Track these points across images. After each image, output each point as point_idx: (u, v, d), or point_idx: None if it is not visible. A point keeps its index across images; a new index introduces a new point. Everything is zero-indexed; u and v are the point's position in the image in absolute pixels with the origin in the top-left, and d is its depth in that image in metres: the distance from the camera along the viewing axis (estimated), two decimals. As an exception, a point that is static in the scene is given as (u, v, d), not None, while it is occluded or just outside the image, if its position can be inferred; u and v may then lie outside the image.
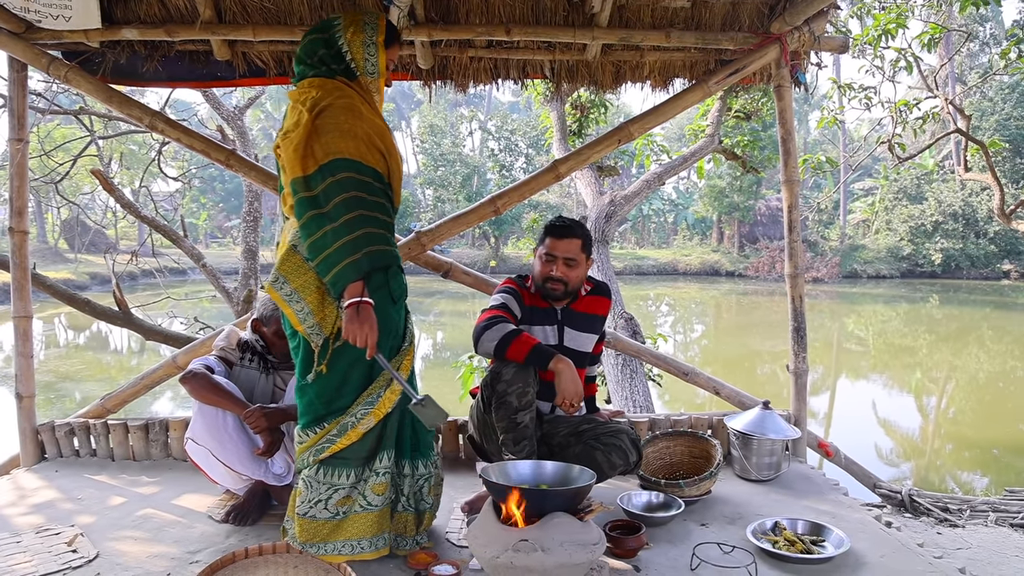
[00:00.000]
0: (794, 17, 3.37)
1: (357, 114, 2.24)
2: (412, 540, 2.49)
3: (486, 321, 2.71)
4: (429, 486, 2.54)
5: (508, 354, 2.62)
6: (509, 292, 2.89)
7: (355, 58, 2.36)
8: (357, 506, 2.37)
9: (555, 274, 2.82)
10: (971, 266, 29.36)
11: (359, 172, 2.20)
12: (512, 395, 2.60)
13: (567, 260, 2.82)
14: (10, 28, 3.21)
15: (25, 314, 3.50)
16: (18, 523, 2.79)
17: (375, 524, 2.38)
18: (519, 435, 2.62)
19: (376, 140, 2.27)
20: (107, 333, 18.80)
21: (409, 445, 2.49)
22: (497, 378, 2.64)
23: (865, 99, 7.14)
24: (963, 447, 9.26)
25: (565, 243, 2.82)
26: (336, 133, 2.18)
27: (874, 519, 2.85)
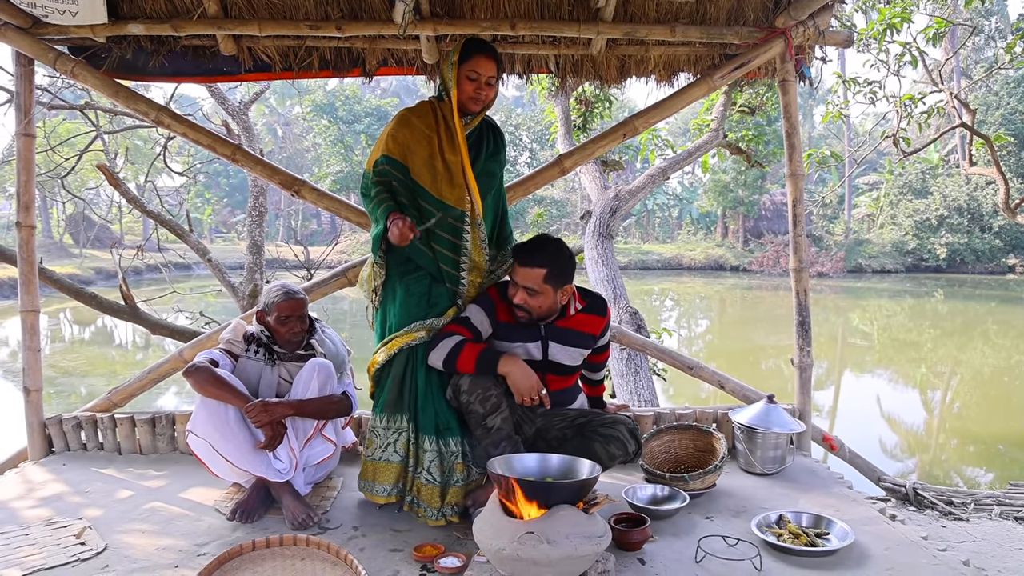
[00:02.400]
0: (799, 11, 3.36)
1: (403, 123, 2.84)
2: (438, 511, 2.67)
3: (437, 338, 2.72)
4: (455, 463, 2.70)
5: (458, 367, 2.66)
6: (481, 304, 2.80)
7: (443, 80, 2.84)
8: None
9: (516, 301, 2.69)
10: (976, 260, 29.30)
11: (388, 164, 2.80)
12: (475, 403, 2.62)
13: (527, 289, 2.66)
14: (17, 23, 3.22)
15: (32, 308, 3.51)
16: (27, 516, 2.80)
17: (371, 470, 2.80)
18: (495, 439, 2.63)
19: (410, 143, 2.81)
20: (112, 328, 18.85)
21: (434, 423, 2.72)
22: (457, 390, 2.66)
23: (870, 93, 7.12)
24: (968, 442, 9.25)
25: (525, 272, 2.65)
26: (383, 140, 2.86)
27: (878, 512, 2.85)
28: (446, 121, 2.83)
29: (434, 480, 2.69)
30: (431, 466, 2.70)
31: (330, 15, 3.30)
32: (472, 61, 2.75)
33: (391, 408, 2.77)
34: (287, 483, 2.78)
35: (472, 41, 2.81)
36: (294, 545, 2.40)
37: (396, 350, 2.75)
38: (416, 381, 2.75)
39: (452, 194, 2.80)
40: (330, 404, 2.87)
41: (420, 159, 2.78)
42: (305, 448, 2.86)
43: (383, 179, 2.80)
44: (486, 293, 2.85)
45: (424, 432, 2.72)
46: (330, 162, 34.34)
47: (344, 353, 3.09)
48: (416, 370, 2.76)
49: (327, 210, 3.60)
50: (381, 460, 2.77)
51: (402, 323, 2.78)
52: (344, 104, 35.91)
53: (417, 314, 2.78)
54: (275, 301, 2.91)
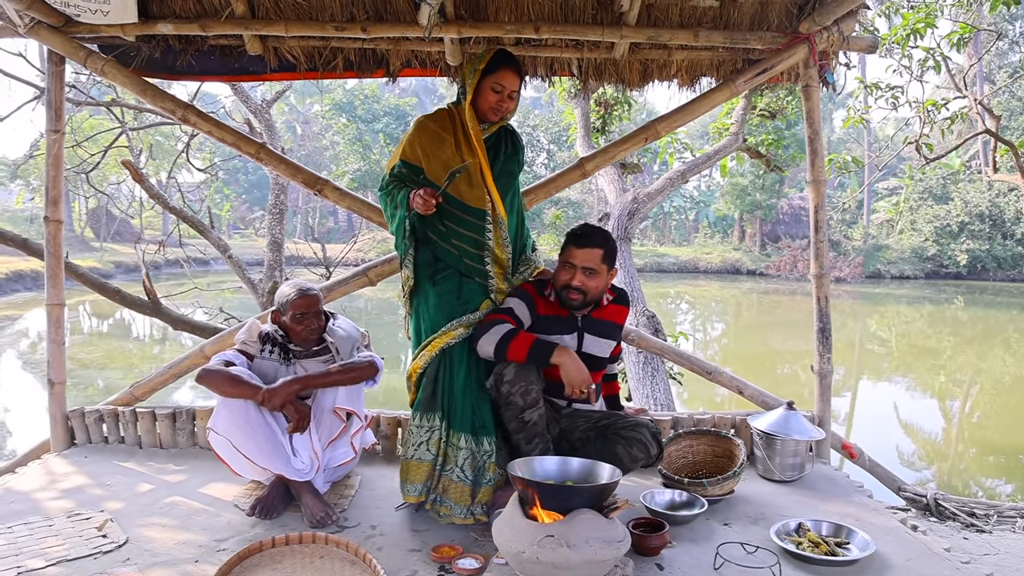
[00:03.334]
0: (823, 17, 3.34)
1: (421, 129, 2.92)
2: (467, 510, 2.68)
3: (485, 325, 2.73)
4: (489, 463, 2.70)
5: (508, 355, 2.65)
6: (521, 298, 2.84)
7: (466, 85, 2.88)
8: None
9: (574, 283, 2.77)
10: (997, 268, 28.95)
11: (405, 168, 2.90)
12: (516, 395, 2.62)
13: (586, 269, 2.76)
14: (50, 22, 3.27)
15: (58, 301, 3.55)
16: (49, 507, 2.83)
17: (405, 471, 2.79)
18: (529, 434, 2.65)
19: (426, 148, 2.88)
20: (130, 321, 19.02)
21: (470, 421, 2.73)
22: (500, 380, 2.66)
23: (892, 99, 7.06)
24: (987, 452, 9.15)
25: (585, 252, 2.76)
26: (402, 145, 2.95)
27: (900, 522, 2.83)
28: (463, 125, 2.88)
29: (466, 478, 2.69)
30: (464, 464, 2.70)
31: (355, 16, 3.32)
32: (499, 73, 2.80)
33: (424, 407, 2.77)
34: (307, 482, 2.78)
35: (501, 53, 2.86)
36: (313, 543, 2.42)
37: (437, 351, 2.76)
38: (452, 378, 2.76)
39: (471, 193, 2.84)
40: (347, 368, 2.85)
41: (438, 162, 2.83)
42: (328, 449, 2.87)
43: (398, 182, 2.89)
44: (522, 288, 2.89)
45: (459, 430, 2.72)
46: (348, 160, 34.48)
47: (357, 334, 3.09)
48: (453, 367, 2.76)
49: (348, 209, 3.63)
50: (414, 459, 2.77)
51: (437, 323, 2.79)
52: (363, 103, 36.07)
53: (452, 312, 2.79)
54: (290, 299, 2.92)
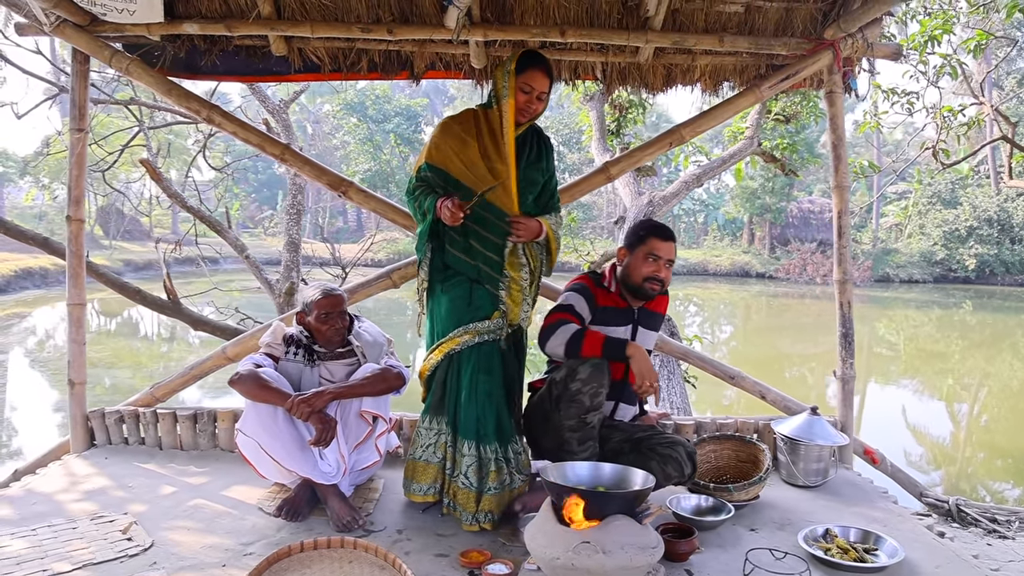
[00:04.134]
0: (849, 24, 3.34)
1: (446, 132, 2.90)
2: (472, 516, 2.67)
3: (551, 325, 2.74)
4: (491, 472, 2.69)
5: (584, 352, 2.65)
6: (580, 292, 2.87)
7: (496, 88, 2.86)
8: None
9: (660, 275, 2.85)
10: (1006, 272, 28.83)
11: (430, 171, 2.87)
12: (586, 395, 2.61)
13: (669, 262, 2.87)
14: (76, 20, 3.27)
15: (80, 301, 3.54)
16: (72, 509, 2.82)
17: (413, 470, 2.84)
18: (586, 435, 2.65)
19: (451, 150, 2.86)
20: (138, 319, 19.05)
21: (474, 428, 2.73)
22: (572, 376, 2.63)
23: (908, 104, 7.04)
24: (995, 455, 9.13)
25: (668, 245, 2.86)
26: (427, 147, 2.92)
27: (926, 529, 2.82)
28: (491, 128, 2.86)
29: (470, 485, 2.70)
30: (468, 471, 2.71)
31: (381, 18, 3.33)
32: (527, 74, 2.78)
33: (434, 410, 2.83)
34: (334, 485, 2.77)
35: (529, 54, 2.85)
36: (341, 548, 2.40)
37: (442, 356, 2.80)
38: (458, 384, 2.78)
39: (502, 200, 2.83)
40: (377, 379, 2.84)
41: (461, 163, 2.83)
42: (354, 452, 2.86)
43: (424, 184, 2.89)
44: (579, 282, 2.92)
45: (464, 436, 2.74)
46: (359, 160, 34.51)
47: (383, 340, 3.08)
48: (459, 373, 2.79)
49: (373, 211, 3.62)
50: (421, 460, 2.82)
51: (447, 328, 2.82)
52: (374, 103, 36.12)
53: (461, 318, 2.81)
54: (315, 300, 2.93)
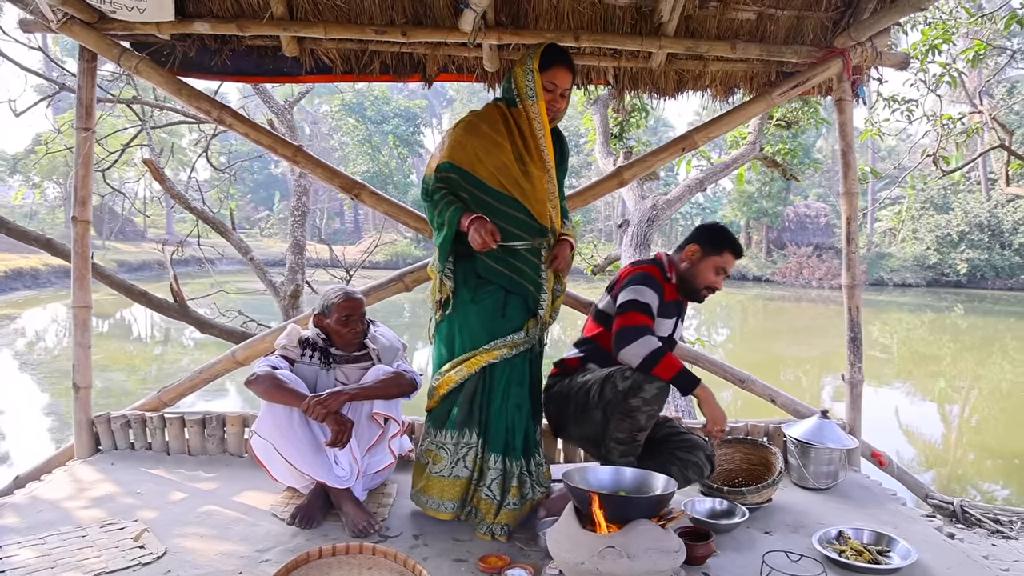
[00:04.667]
0: (859, 33, 3.37)
1: (472, 131, 2.74)
2: (487, 526, 2.64)
3: (635, 330, 2.65)
4: (512, 487, 2.65)
5: (655, 371, 2.59)
6: (654, 288, 2.79)
7: (518, 86, 2.73)
8: (431, 466, 2.76)
9: (719, 287, 2.90)
10: (996, 276, 29.11)
11: (454, 172, 2.72)
12: (644, 414, 2.60)
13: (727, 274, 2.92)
14: (84, 18, 3.23)
15: (85, 304, 3.49)
16: (81, 516, 2.76)
17: (436, 488, 2.74)
18: (631, 450, 2.65)
19: (478, 151, 2.71)
20: (131, 321, 18.93)
21: (503, 442, 2.68)
22: (635, 391, 2.58)
23: (908, 111, 7.12)
24: (985, 456, 9.21)
25: (733, 260, 2.90)
26: (447, 145, 2.75)
27: (936, 530, 2.85)
28: (519, 129, 2.74)
29: (494, 497, 2.67)
30: (493, 484, 2.68)
31: (395, 20, 3.32)
32: (552, 71, 2.70)
33: (462, 425, 2.71)
34: (347, 489, 2.75)
35: (552, 50, 2.74)
36: (360, 554, 2.37)
37: (477, 369, 2.69)
38: (491, 397, 2.71)
39: (536, 208, 2.73)
40: (391, 383, 2.82)
41: (492, 166, 2.69)
42: (367, 455, 2.85)
43: (446, 186, 2.72)
44: (648, 273, 2.84)
45: (492, 450, 2.70)
46: (357, 161, 34.50)
47: (399, 345, 3.07)
48: (491, 387, 2.71)
49: (386, 214, 3.61)
50: (451, 477, 2.71)
51: (478, 340, 2.71)
52: (373, 104, 36.09)
53: (495, 330, 2.71)
54: (335, 302, 2.92)
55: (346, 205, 40.16)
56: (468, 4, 3.01)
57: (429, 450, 2.77)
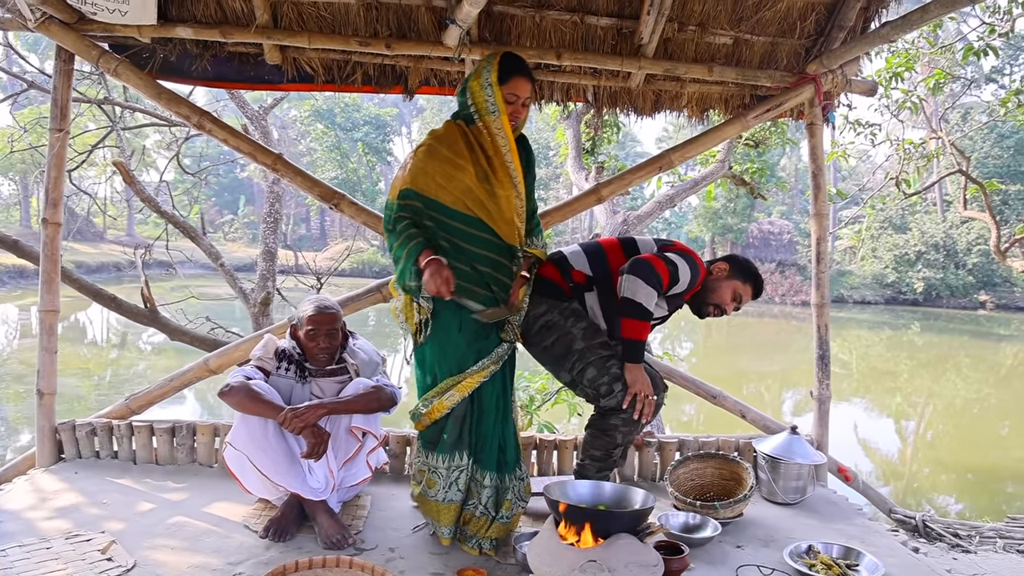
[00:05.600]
0: (831, 60, 3.50)
1: (432, 155, 2.64)
2: (476, 540, 2.64)
3: (654, 277, 2.63)
4: (506, 500, 2.65)
5: (629, 324, 2.62)
6: (689, 280, 2.80)
7: (475, 102, 2.64)
8: (427, 488, 2.70)
9: (729, 311, 2.92)
10: (951, 295, 29.92)
11: (417, 199, 2.62)
12: (620, 433, 2.67)
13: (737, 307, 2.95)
14: (63, 18, 3.18)
15: (53, 308, 3.39)
16: (44, 527, 2.68)
17: (433, 511, 2.69)
18: (606, 466, 2.72)
19: (439, 177, 2.62)
20: (85, 324, 18.49)
21: (496, 459, 2.65)
22: (616, 412, 2.64)
23: (871, 135, 7.35)
24: (939, 471, 9.46)
25: (750, 299, 2.95)
26: (408, 170, 2.65)
27: (901, 544, 2.93)
28: (481, 147, 2.64)
29: (488, 513, 2.64)
30: (488, 501, 2.64)
31: (379, 32, 3.34)
32: (511, 83, 2.60)
33: (452, 447, 2.64)
34: (322, 502, 2.72)
35: (508, 59, 2.64)
36: (336, 567, 2.37)
37: (469, 392, 2.61)
38: (482, 417, 2.65)
39: (503, 229, 2.67)
40: (371, 397, 2.78)
41: (457, 190, 2.60)
42: (343, 469, 2.82)
43: (408, 215, 2.61)
44: (697, 270, 2.82)
45: (485, 468, 2.65)
46: (325, 168, 34.25)
47: (378, 360, 3.05)
48: (483, 407, 2.65)
49: (365, 224, 3.60)
50: (445, 501, 2.65)
51: (465, 362, 2.62)
52: (343, 111, 35.90)
53: (481, 350, 2.64)
54: (305, 315, 2.88)
55: (312, 212, 39.86)
56: (454, 20, 3.03)
57: (422, 471, 2.72)
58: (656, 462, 3.52)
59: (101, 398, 10.44)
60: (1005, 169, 28.77)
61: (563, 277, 2.83)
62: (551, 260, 2.89)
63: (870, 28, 3.51)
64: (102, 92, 6.14)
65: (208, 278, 18.37)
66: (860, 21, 3.50)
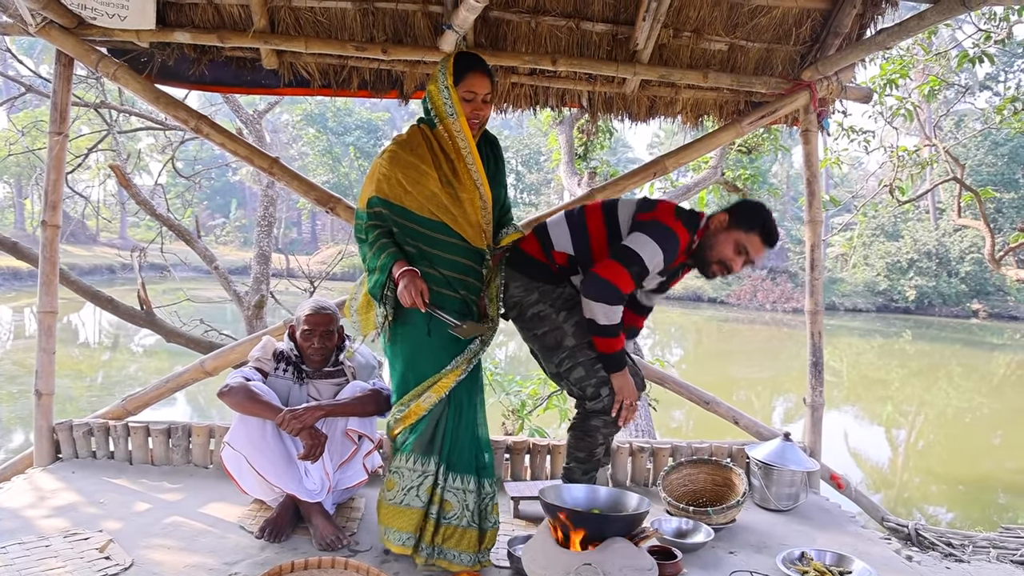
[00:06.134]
0: (826, 67, 3.52)
1: (396, 162, 2.58)
2: (475, 556, 2.54)
3: (612, 292, 2.49)
4: (492, 505, 2.61)
5: (599, 342, 2.55)
6: (668, 252, 2.57)
7: (435, 106, 2.60)
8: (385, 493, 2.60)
9: (734, 270, 2.67)
10: (943, 304, 29.99)
11: (383, 206, 2.56)
12: (601, 434, 2.68)
13: (747, 261, 2.67)
14: (63, 23, 3.21)
15: (51, 309, 3.42)
16: (43, 526, 2.71)
17: (390, 515, 2.55)
18: (591, 467, 2.71)
19: (404, 183, 2.55)
20: (78, 325, 18.45)
21: (474, 463, 2.59)
22: (597, 414, 2.64)
23: (865, 142, 7.39)
24: (930, 480, 9.48)
25: (765, 252, 2.66)
26: (371, 180, 2.62)
27: (894, 552, 2.94)
28: (444, 151, 2.59)
29: (474, 523, 2.54)
30: (474, 509, 2.55)
31: (375, 38, 3.36)
32: (466, 81, 2.53)
33: (421, 448, 2.54)
34: (318, 503, 2.74)
35: (463, 58, 2.59)
36: (332, 567, 2.39)
37: (446, 393, 2.54)
38: (458, 418, 2.58)
39: (469, 233, 2.60)
40: (368, 400, 2.82)
41: (421, 196, 2.55)
42: (339, 471, 2.84)
43: (379, 223, 2.57)
44: (675, 237, 2.58)
45: (462, 471, 2.56)
46: (317, 172, 34.27)
47: (375, 363, 3.09)
48: (460, 406, 2.59)
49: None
50: (403, 504, 2.53)
51: (442, 361, 2.54)
52: (335, 115, 35.91)
53: (455, 349, 2.56)
54: (302, 315, 2.93)
55: (304, 215, 39.87)
56: (451, 25, 3.05)
57: (389, 476, 2.60)
58: (649, 467, 3.52)
59: (93, 399, 10.43)
60: (999, 177, 28.88)
61: (546, 256, 2.72)
62: (535, 233, 2.79)
63: (865, 35, 3.53)
64: (98, 96, 6.15)
65: (201, 281, 18.35)
66: (855, 28, 3.52)
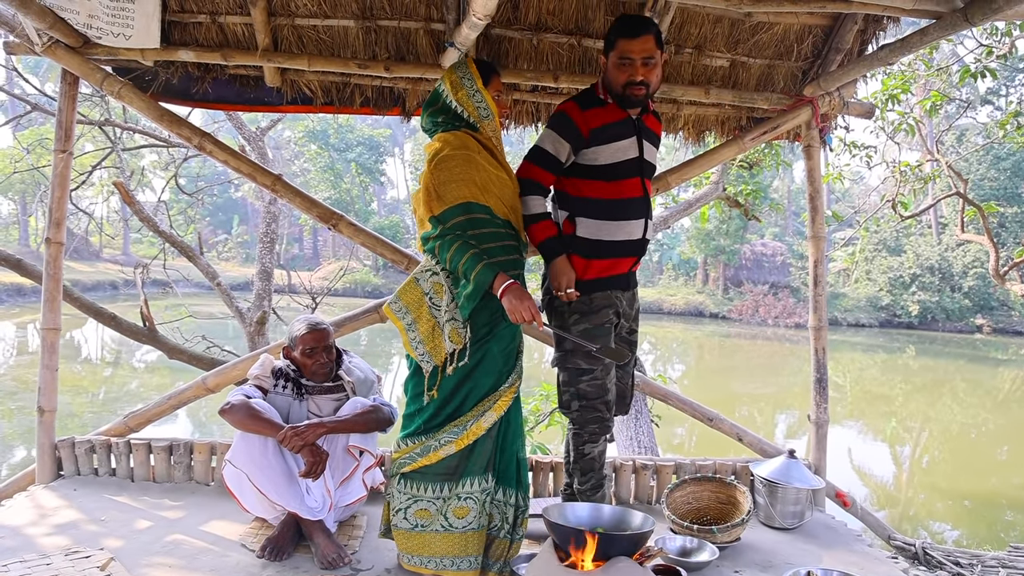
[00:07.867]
0: (828, 83, 3.53)
1: (473, 164, 2.55)
2: (497, 564, 2.60)
3: (524, 184, 2.68)
4: (523, 519, 2.64)
5: (528, 231, 2.68)
6: (557, 128, 2.67)
7: (468, 111, 2.64)
8: (438, 524, 2.52)
9: (636, 78, 2.59)
10: (946, 319, 29.86)
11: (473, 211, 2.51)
12: (573, 442, 2.73)
13: (646, 60, 2.59)
14: (68, 42, 3.23)
15: (54, 326, 3.42)
16: (44, 543, 2.71)
17: (457, 545, 2.52)
18: (586, 466, 2.72)
19: (490, 186, 2.57)
20: (80, 342, 18.45)
21: (515, 475, 2.61)
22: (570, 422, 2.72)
23: (867, 157, 7.39)
24: (935, 497, 9.39)
25: (640, 43, 2.56)
26: (457, 183, 2.51)
27: (902, 572, 2.91)
28: (491, 152, 2.65)
29: (509, 534, 2.60)
30: (514, 521, 2.60)
31: (378, 55, 3.38)
32: (493, 83, 2.68)
33: (481, 468, 2.53)
34: (319, 521, 2.73)
35: (482, 65, 2.69)
36: (333, 585, 2.38)
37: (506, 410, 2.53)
38: (506, 431, 2.59)
39: (519, 227, 2.70)
40: (369, 417, 2.83)
41: (497, 196, 2.58)
42: (340, 488, 2.84)
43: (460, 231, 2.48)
44: (561, 111, 2.69)
45: (505, 484, 2.59)
46: (319, 188, 34.39)
47: (373, 378, 3.10)
48: (510, 421, 2.59)
49: (363, 245, 3.62)
50: (479, 529, 2.54)
51: (501, 379, 2.54)
52: (337, 132, 36.07)
53: (515, 361, 2.59)
54: (299, 335, 2.93)
55: (305, 231, 39.97)
56: (453, 43, 3.07)
57: (426, 510, 2.52)
58: (653, 485, 3.50)
59: (95, 415, 10.41)
60: (1002, 191, 28.85)
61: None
62: None
63: (867, 51, 3.55)
64: (103, 114, 6.19)
65: (203, 297, 18.38)
66: (857, 44, 3.54)
